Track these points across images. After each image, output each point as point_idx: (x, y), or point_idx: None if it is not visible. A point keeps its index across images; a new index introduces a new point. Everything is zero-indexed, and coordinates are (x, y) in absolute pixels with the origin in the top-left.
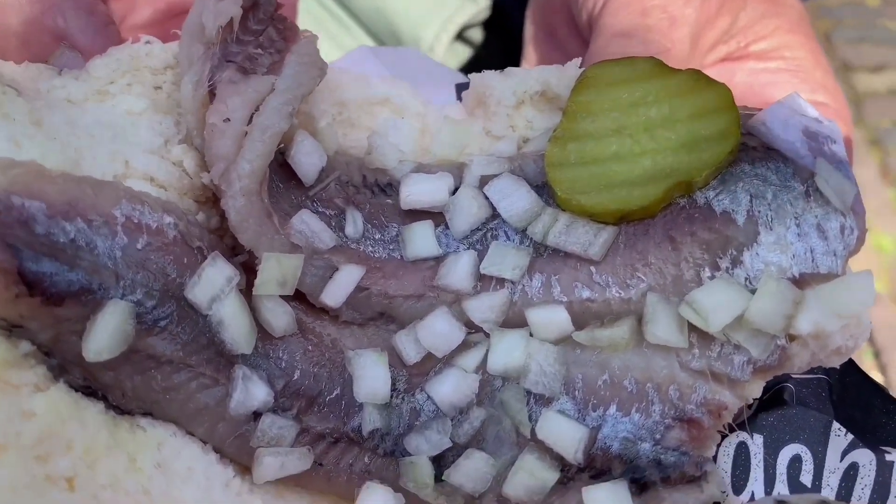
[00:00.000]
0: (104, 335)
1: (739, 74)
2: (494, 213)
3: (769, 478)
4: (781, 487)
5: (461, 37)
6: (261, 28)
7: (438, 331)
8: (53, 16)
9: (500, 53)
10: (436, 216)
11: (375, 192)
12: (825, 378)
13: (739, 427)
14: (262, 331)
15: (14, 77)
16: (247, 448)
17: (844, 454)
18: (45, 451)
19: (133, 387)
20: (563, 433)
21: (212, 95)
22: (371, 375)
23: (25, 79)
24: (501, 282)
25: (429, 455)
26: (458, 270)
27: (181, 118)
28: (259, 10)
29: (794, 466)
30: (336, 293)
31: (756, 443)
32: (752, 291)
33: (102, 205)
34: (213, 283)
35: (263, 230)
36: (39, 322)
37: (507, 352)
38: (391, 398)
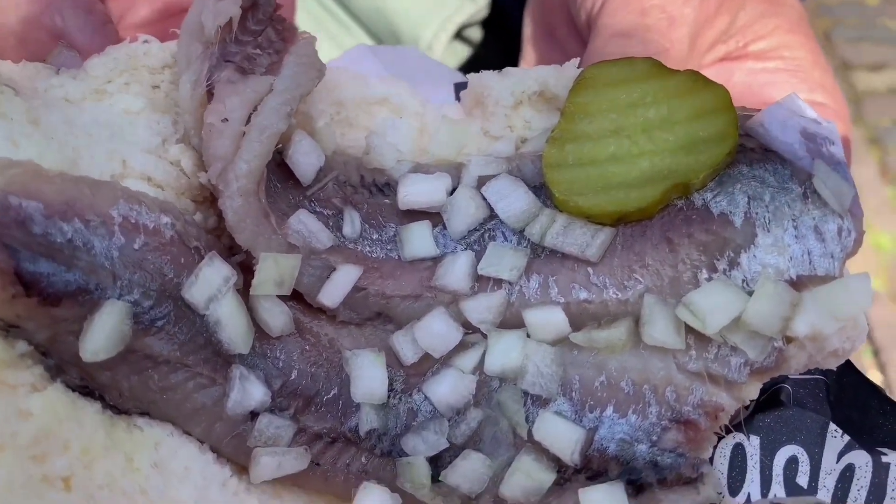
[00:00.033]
0: (101, 335)
1: (738, 74)
2: (492, 214)
3: (765, 479)
4: (778, 489)
5: (460, 36)
6: (260, 28)
7: (436, 331)
8: (51, 14)
9: (499, 53)
10: (433, 216)
11: (373, 192)
12: (823, 379)
13: (736, 428)
14: (260, 331)
15: (11, 76)
16: (244, 448)
17: (841, 455)
18: (42, 451)
19: (130, 387)
20: (560, 434)
21: (210, 95)
22: (368, 375)
23: (23, 78)
24: (499, 282)
25: (426, 455)
26: (456, 271)
27: (179, 118)
28: (258, 11)
29: (791, 468)
30: (333, 293)
31: (753, 444)
32: (750, 293)
33: (100, 205)
34: (211, 283)
35: (261, 230)
36: (36, 322)
37: (505, 353)
38: (388, 398)
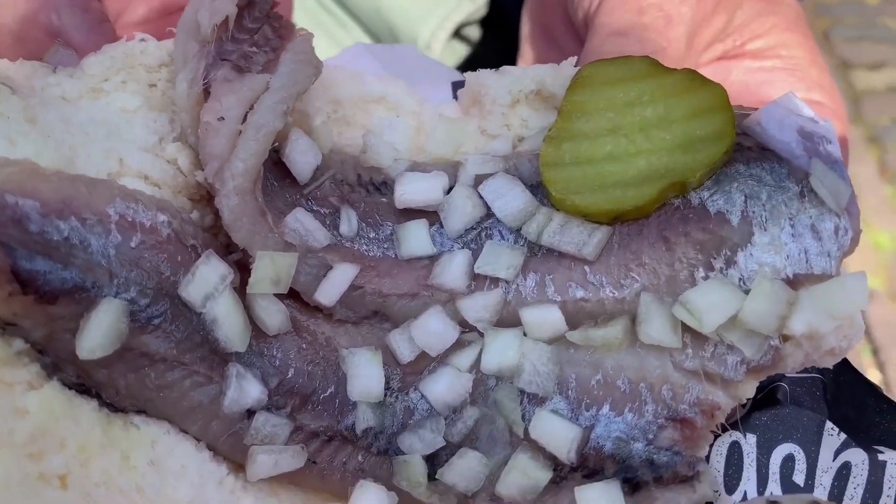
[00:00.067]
0: (98, 333)
1: (735, 73)
2: (489, 213)
3: (762, 477)
4: (774, 487)
5: (458, 34)
6: (256, 26)
7: (432, 330)
8: (48, 13)
9: (497, 51)
10: (430, 215)
11: (370, 191)
12: (819, 377)
13: (732, 426)
14: (256, 329)
15: (8, 74)
16: (240, 446)
17: (837, 453)
18: (38, 449)
19: (127, 385)
20: (557, 433)
21: (206, 93)
22: (365, 374)
23: (20, 76)
24: (496, 281)
25: (422, 454)
26: (453, 269)
27: (176, 116)
28: (255, 9)
29: (787, 466)
30: (330, 292)
31: (749, 442)
32: (746, 292)
33: (96, 203)
34: (207, 282)
35: (257, 229)
36: (33, 320)
37: (501, 351)
38: (385, 397)
